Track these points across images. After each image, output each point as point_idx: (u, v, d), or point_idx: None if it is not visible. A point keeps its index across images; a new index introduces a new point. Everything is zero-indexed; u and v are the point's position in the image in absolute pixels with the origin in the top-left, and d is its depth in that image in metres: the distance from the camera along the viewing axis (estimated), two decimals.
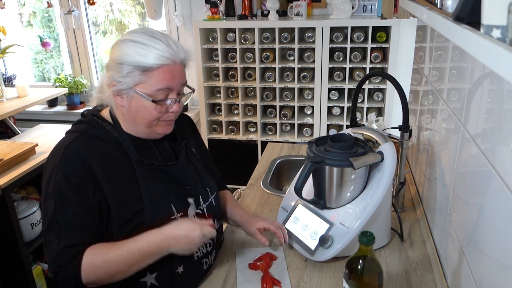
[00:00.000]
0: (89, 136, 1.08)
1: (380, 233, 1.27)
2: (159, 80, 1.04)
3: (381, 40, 2.64)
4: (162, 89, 1.05)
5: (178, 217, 1.12)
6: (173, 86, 1.06)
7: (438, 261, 1.24)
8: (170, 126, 1.14)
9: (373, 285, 0.97)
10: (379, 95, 2.79)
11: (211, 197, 1.24)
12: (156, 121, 1.09)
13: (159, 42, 1.04)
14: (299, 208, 1.32)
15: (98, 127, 1.10)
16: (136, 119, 1.09)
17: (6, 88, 3.20)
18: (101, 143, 1.08)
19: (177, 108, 1.10)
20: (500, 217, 0.77)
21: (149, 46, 1.03)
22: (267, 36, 2.77)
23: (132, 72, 1.03)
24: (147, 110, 1.06)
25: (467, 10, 0.71)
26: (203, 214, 1.19)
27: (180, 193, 1.15)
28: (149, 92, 1.04)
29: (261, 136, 3.01)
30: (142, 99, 1.05)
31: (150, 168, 1.10)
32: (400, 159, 1.42)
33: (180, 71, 1.08)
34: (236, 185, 3.04)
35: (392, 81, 1.34)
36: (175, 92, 1.08)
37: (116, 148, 1.09)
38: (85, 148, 1.05)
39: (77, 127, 1.12)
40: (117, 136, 1.10)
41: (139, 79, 1.03)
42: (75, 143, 1.06)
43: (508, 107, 0.76)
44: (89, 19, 3.57)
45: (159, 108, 1.06)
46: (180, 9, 3.15)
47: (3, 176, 1.94)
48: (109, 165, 1.06)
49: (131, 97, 1.05)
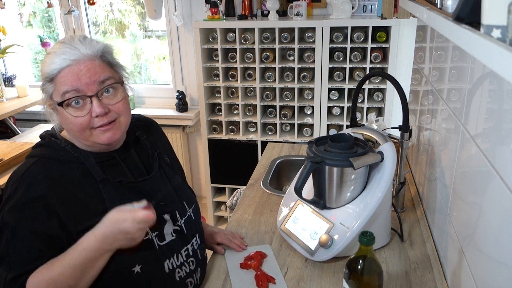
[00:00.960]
0: (48, 160, 1.01)
1: (380, 233, 1.27)
2: (62, 84, 0.97)
3: (381, 40, 2.64)
4: (68, 91, 0.97)
5: (153, 237, 1.04)
6: (78, 85, 0.97)
7: (438, 261, 1.24)
8: (110, 133, 1.02)
9: (373, 285, 0.97)
10: (379, 95, 2.79)
11: (188, 210, 1.16)
12: (87, 130, 1.00)
13: (62, 46, 0.97)
14: (299, 208, 1.32)
15: (57, 149, 1.03)
16: (71, 132, 1.02)
17: (6, 88, 3.20)
18: (61, 165, 1.01)
19: (98, 109, 0.98)
20: (500, 217, 0.77)
21: (53, 53, 0.97)
22: (267, 36, 2.77)
23: (44, 85, 0.99)
24: (69, 120, 0.99)
25: (467, 10, 0.71)
26: (181, 230, 1.11)
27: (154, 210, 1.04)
28: (60, 99, 0.98)
29: (261, 136, 3.01)
30: (61, 109, 0.99)
31: (118, 186, 1.02)
32: (400, 159, 1.42)
33: (89, 68, 0.98)
34: (236, 185, 3.04)
35: (392, 81, 1.34)
36: (87, 92, 0.98)
37: (78, 169, 1.01)
38: (41, 175, 0.98)
39: (35, 152, 1.05)
40: (78, 156, 1.03)
41: (51, 90, 0.99)
42: (31, 170, 0.99)
43: (508, 107, 0.76)
44: (89, 19, 3.57)
45: (75, 112, 0.98)
46: (180, 9, 3.15)
47: (3, 176, 1.94)
48: (67, 188, 0.98)
49: (57, 110, 1.01)
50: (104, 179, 1.01)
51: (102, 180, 1.01)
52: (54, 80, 0.98)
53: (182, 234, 1.11)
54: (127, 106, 1.06)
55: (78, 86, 0.97)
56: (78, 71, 0.97)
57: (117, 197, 1.01)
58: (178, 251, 1.09)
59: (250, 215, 1.54)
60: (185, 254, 1.11)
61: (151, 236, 1.04)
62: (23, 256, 0.95)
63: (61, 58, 0.96)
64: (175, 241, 1.08)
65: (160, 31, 3.74)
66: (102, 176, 1.01)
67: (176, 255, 1.08)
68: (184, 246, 1.11)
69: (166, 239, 1.06)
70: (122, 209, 0.95)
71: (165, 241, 1.06)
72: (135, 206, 0.95)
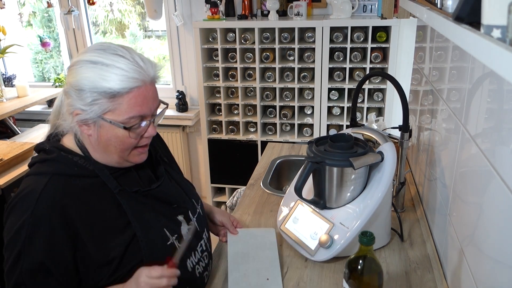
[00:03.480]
0: (62, 176, 0.94)
1: (380, 233, 1.27)
2: (130, 107, 0.91)
3: (381, 40, 2.64)
4: (135, 116, 0.93)
5: (174, 241, 1.04)
6: (146, 111, 0.94)
7: (438, 261, 1.24)
8: (145, 154, 1.02)
9: (373, 285, 0.97)
10: (379, 95, 2.79)
11: (197, 207, 1.18)
12: (129, 149, 0.98)
13: (123, 60, 0.91)
14: (299, 208, 1.32)
15: (69, 164, 0.96)
16: (107, 149, 0.97)
17: (6, 88, 3.20)
18: (76, 181, 0.95)
19: (152, 132, 0.99)
20: (500, 217, 0.77)
21: (112, 66, 0.89)
22: (267, 36, 2.77)
23: (97, 100, 0.90)
24: (119, 139, 0.94)
25: (467, 10, 0.71)
26: (195, 228, 1.12)
27: (169, 214, 1.07)
28: (120, 119, 0.92)
29: (261, 136, 3.01)
30: (113, 127, 0.92)
31: (134, 196, 1.00)
32: (400, 159, 1.42)
33: (153, 92, 0.96)
34: (236, 185, 3.05)
35: (392, 81, 1.34)
36: (149, 116, 0.96)
37: (93, 183, 0.97)
38: (60, 194, 0.92)
39: (44, 168, 0.96)
40: (92, 170, 0.97)
41: (107, 106, 0.90)
42: (48, 191, 0.91)
43: (508, 107, 0.76)
44: (89, 19, 3.57)
45: (133, 135, 0.95)
46: (180, 9, 3.15)
47: (3, 176, 1.94)
48: (87, 205, 0.94)
49: (100, 125, 0.93)
50: (121, 191, 0.98)
51: (119, 192, 0.98)
52: (116, 99, 0.90)
53: (196, 231, 1.11)
54: None
55: (145, 112, 0.94)
56: (146, 94, 0.93)
57: (135, 206, 0.99)
58: (195, 249, 1.11)
59: (250, 215, 1.54)
60: (200, 250, 1.14)
61: (172, 240, 1.04)
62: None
63: (127, 76, 0.90)
64: (191, 240, 1.08)
65: (160, 31, 3.74)
66: (118, 187, 0.98)
67: (193, 253, 1.11)
68: (198, 242, 1.14)
69: (184, 239, 1.07)
70: (152, 273, 0.92)
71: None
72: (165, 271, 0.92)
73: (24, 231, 0.89)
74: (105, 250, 0.95)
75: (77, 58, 0.94)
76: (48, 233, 0.90)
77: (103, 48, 0.93)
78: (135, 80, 0.90)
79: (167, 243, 1.02)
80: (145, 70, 0.93)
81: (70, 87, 0.92)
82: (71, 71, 0.93)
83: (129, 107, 0.91)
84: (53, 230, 0.90)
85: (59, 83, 3.51)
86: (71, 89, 0.92)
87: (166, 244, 1.02)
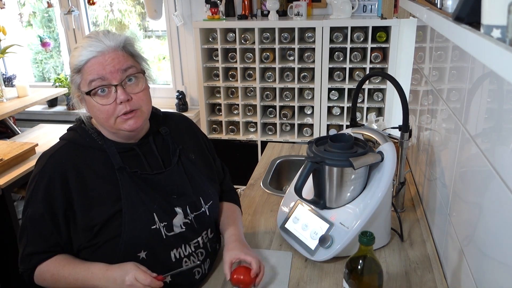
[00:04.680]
0: (75, 144, 1.10)
1: (380, 233, 1.27)
2: (89, 74, 1.03)
3: (381, 40, 2.64)
4: (94, 79, 1.03)
5: (161, 227, 1.09)
6: (104, 74, 1.03)
7: (438, 261, 1.24)
8: (133, 120, 1.07)
9: (373, 285, 0.97)
10: (379, 95, 2.79)
11: (204, 206, 1.19)
12: (112, 118, 1.06)
13: (88, 40, 1.04)
14: (299, 208, 1.32)
15: (84, 135, 1.11)
16: (98, 120, 1.10)
17: (6, 88, 3.20)
18: (85, 151, 1.10)
19: (122, 96, 1.04)
20: (500, 217, 0.77)
21: (80, 47, 1.04)
22: (267, 36, 2.76)
23: (72, 77, 1.06)
24: (96, 107, 1.05)
25: (467, 10, 0.71)
26: (191, 224, 1.15)
27: (165, 202, 1.12)
28: (87, 89, 1.04)
29: (261, 136, 3.01)
30: (89, 98, 1.05)
31: (133, 176, 1.09)
32: (400, 159, 1.42)
33: (113, 58, 1.04)
34: (236, 185, 3.03)
35: (392, 81, 1.34)
36: (112, 80, 1.04)
37: (100, 156, 1.10)
38: (67, 158, 1.08)
39: (65, 135, 1.14)
40: (102, 144, 1.10)
41: (78, 80, 1.05)
42: (59, 153, 1.09)
43: (508, 107, 0.76)
44: (89, 19, 3.57)
45: (101, 100, 1.04)
46: (180, 9, 3.15)
47: (3, 176, 1.94)
48: (88, 172, 1.07)
49: (85, 100, 1.07)
50: (121, 167, 1.08)
51: (119, 168, 1.08)
52: (81, 71, 1.04)
53: (192, 227, 1.15)
54: (148, 96, 1.12)
55: (103, 74, 1.03)
56: (103, 61, 1.03)
57: (131, 185, 1.08)
58: (187, 242, 1.14)
59: (250, 215, 1.54)
60: (194, 246, 1.16)
61: (158, 226, 1.09)
62: (37, 234, 1.07)
63: (87, 50, 1.03)
64: (185, 233, 1.13)
65: (160, 31, 3.74)
66: (120, 164, 1.09)
67: (184, 245, 1.14)
68: (195, 238, 1.16)
69: (174, 230, 1.12)
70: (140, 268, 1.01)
71: (173, 232, 1.11)
72: (152, 274, 1.01)
73: (34, 183, 1.07)
74: (90, 216, 1.06)
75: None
76: (48, 186, 1.05)
77: (85, 36, 1.08)
78: (90, 51, 1.03)
79: (151, 227, 1.08)
80: (103, 42, 1.04)
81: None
82: None
83: (88, 73, 1.03)
84: (52, 184, 1.05)
85: (59, 83, 3.51)
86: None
87: (150, 227, 1.08)
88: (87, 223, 1.06)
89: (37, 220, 1.06)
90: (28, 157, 2.13)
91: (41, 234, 1.07)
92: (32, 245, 1.08)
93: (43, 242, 1.07)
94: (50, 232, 1.07)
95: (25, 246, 1.08)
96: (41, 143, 2.30)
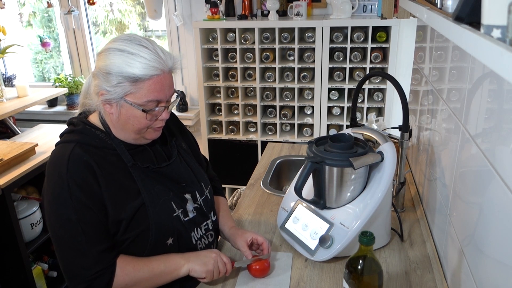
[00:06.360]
0: (85, 145, 1.09)
1: (380, 233, 1.27)
2: (149, 92, 1.04)
3: (381, 40, 2.64)
4: (152, 100, 1.06)
5: (180, 213, 1.17)
6: (161, 98, 1.07)
7: (438, 261, 1.24)
8: (159, 132, 1.16)
9: (373, 285, 0.97)
10: (379, 95, 2.79)
11: (205, 191, 1.28)
12: (145, 128, 1.11)
13: (146, 51, 1.03)
14: (299, 208, 1.32)
15: (91, 136, 1.11)
16: (125, 126, 1.10)
17: (6, 88, 3.20)
18: (97, 150, 1.10)
19: (166, 116, 1.12)
20: (500, 217, 0.77)
21: (136, 55, 1.02)
22: (267, 36, 2.76)
23: (121, 83, 1.03)
24: (137, 119, 1.08)
25: (467, 10, 0.71)
26: (200, 208, 1.23)
27: (177, 190, 1.19)
28: (139, 102, 1.05)
29: (261, 136, 3.01)
30: (132, 109, 1.06)
31: (146, 170, 1.14)
32: (400, 159, 1.42)
33: (169, 81, 1.08)
34: (236, 185, 3.04)
35: (392, 81, 1.34)
36: (165, 103, 1.10)
37: (111, 155, 1.11)
38: (87, 156, 1.07)
39: (70, 137, 1.12)
40: (111, 143, 1.12)
41: (129, 89, 1.04)
42: (76, 152, 1.07)
43: (508, 107, 0.76)
44: (89, 19, 3.57)
45: (149, 117, 1.08)
46: (180, 9, 3.15)
47: (3, 176, 1.94)
48: (107, 171, 1.08)
49: (121, 105, 1.06)
50: (134, 164, 1.12)
51: (132, 165, 1.12)
52: (138, 83, 1.03)
53: (202, 211, 1.23)
54: None
55: (161, 98, 1.07)
56: (163, 82, 1.06)
57: (146, 179, 1.13)
58: (199, 226, 1.22)
59: (250, 215, 1.54)
60: (204, 228, 1.24)
61: (178, 212, 1.17)
62: (97, 231, 1.06)
63: (151, 67, 1.03)
64: (196, 217, 1.21)
65: (160, 31, 3.74)
66: (131, 161, 1.12)
67: (196, 229, 1.22)
68: (204, 221, 1.24)
69: (189, 215, 1.19)
70: (220, 255, 1.16)
71: (189, 217, 1.19)
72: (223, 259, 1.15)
73: (66, 184, 1.03)
74: (118, 209, 1.08)
75: (106, 46, 1.07)
76: (84, 182, 1.04)
77: (129, 38, 1.06)
78: (155, 68, 1.03)
79: (173, 215, 1.15)
80: (165, 61, 1.05)
81: (99, 70, 1.05)
82: (101, 56, 1.06)
83: (148, 92, 1.04)
84: (87, 179, 1.05)
85: (59, 83, 3.51)
86: (100, 72, 1.05)
87: (172, 215, 1.15)
88: (115, 218, 1.08)
89: (90, 218, 1.04)
90: (28, 157, 2.12)
91: (100, 230, 1.06)
92: (99, 243, 1.05)
93: (105, 238, 1.07)
94: (104, 226, 1.07)
95: (91, 248, 1.04)
96: (41, 143, 2.30)
